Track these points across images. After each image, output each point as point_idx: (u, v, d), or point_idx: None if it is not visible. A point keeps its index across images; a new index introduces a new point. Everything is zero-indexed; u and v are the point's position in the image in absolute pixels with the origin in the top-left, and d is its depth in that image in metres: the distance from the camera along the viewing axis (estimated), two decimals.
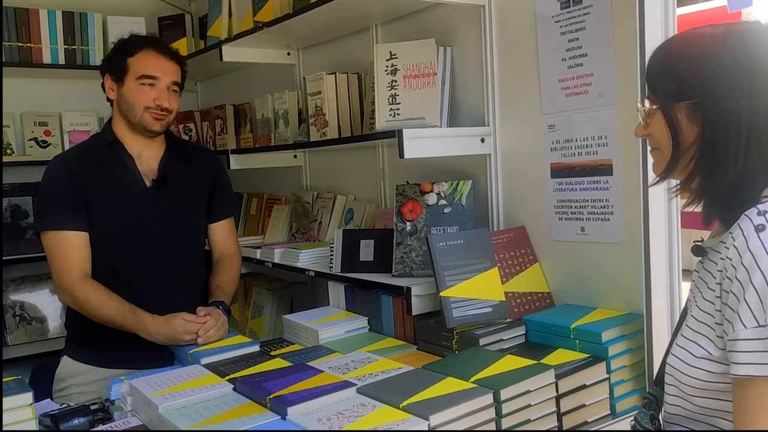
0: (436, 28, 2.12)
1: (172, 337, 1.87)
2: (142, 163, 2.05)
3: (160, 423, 1.37)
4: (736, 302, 0.97)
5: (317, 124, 2.34)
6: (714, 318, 1.04)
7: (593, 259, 1.78)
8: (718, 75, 1.02)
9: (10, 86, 3.14)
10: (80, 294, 1.92)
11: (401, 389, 1.37)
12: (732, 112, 1.01)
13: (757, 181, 1.02)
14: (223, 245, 2.23)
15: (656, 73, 1.10)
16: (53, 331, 3.24)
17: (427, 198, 2.01)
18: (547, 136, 1.86)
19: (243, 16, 2.63)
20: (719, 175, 1.03)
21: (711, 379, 1.04)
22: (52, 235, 1.95)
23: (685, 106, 1.05)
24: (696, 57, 1.05)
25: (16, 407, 1.40)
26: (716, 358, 1.03)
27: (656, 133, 1.11)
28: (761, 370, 0.94)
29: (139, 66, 1.99)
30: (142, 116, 1.99)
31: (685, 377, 1.07)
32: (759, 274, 0.95)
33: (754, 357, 0.94)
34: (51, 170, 2.02)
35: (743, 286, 0.96)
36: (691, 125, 1.06)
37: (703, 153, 1.05)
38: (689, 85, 1.04)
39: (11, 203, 3.17)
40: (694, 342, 1.07)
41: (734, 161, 1.02)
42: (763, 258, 0.95)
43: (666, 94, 1.08)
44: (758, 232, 0.96)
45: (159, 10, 3.48)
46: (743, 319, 0.96)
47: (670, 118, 1.07)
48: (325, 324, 1.97)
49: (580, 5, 1.75)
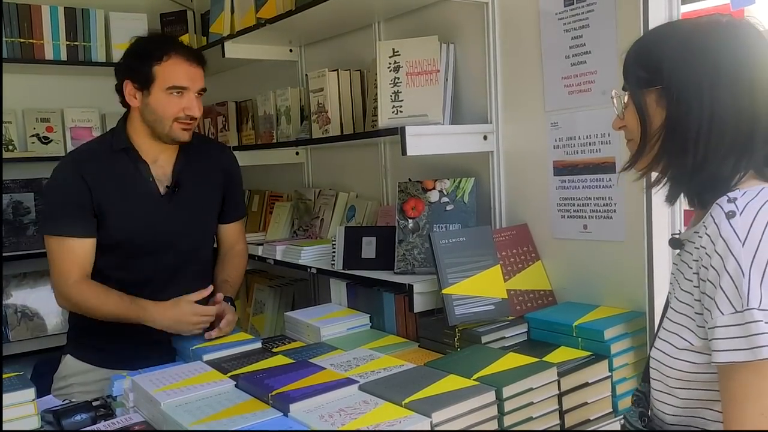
0: (439, 25, 2.12)
1: (179, 320, 1.82)
2: (157, 168, 1.98)
3: (162, 419, 1.37)
4: (713, 290, 0.98)
5: (319, 121, 2.34)
6: (693, 308, 1.04)
7: (596, 257, 1.78)
8: (685, 62, 1.05)
9: (12, 82, 3.14)
10: (77, 297, 1.88)
11: (403, 386, 1.37)
12: (694, 97, 1.04)
13: (722, 165, 1.04)
14: (232, 243, 2.21)
15: (630, 62, 1.14)
16: (54, 328, 3.25)
17: (430, 195, 2.01)
18: (550, 134, 1.85)
19: (245, 13, 2.63)
20: (681, 156, 1.06)
21: (694, 370, 1.04)
22: (55, 240, 1.89)
23: (654, 91, 1.09)
24: (666, 45, 1.08)
25: (18, 403, 1.40)
26: (698, 348, 1.03)
27: (629, 121, 1.14)
28: (741, 356, 0.94)
29: (168, 76, 1.88)
30: (171, 127, 1.91)
31: (669, 370, 1.08)
32: (732, 259, 0.95)
33: (733, 343, 0.94)
34: (60, 172, 1.94)
35: (718, 273, 0.97)
36: (659, 109, 1.09)
37: (666, 136, 1.08)
38: (659, 71, 1.08)
39: (13, 199, 3.17)
40: (675, 334, 1.07)
41: (695, 143, 1.04)
42: (735, 244, 0.96)
43: (638, 81, 1.11)
44: (729, 219, 0.98)
45: (161, 7, 3.47)
46: (720, 306, 0.96)
47: (639, 104, 1.11)
48: (327, 321, 1.97)
49: (584, 3, 1.74)
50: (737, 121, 1.03)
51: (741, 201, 0.99)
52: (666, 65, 1.07)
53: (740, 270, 0.94)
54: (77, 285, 1.88)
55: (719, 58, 1.04)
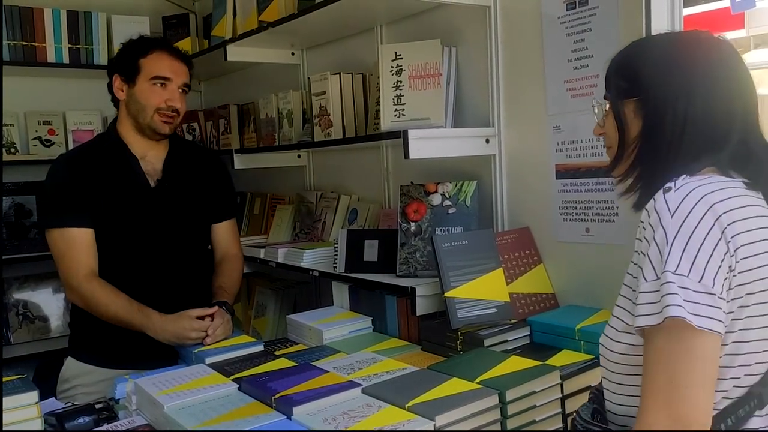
0: (441, 28, 2.12)
1: (178, 335, 1.87)
2: (146, 163, 2.06)
3: (165, 422, 1.37)
4: (642, 259, 1.00)
5: (321, 124, 2.34)
6: (631, 288, 1.06)
7: (598, 260, 1.78)
8: (662, 74, 1.09)
9: (15, 85, 3.14)
10: (88, 293, 1.92)
11: (406, 390, 1.38)
12: (669, 107, 1.07)
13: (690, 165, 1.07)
14: (225, 246, 2.23)
15: (612, 72, 1.18)
16: (56, 330, 3.24)
17: (432, 198, 2.01)
18: (552, 137, 1.86)
19: (247, 16, 2.64)
20: (653, 165, 1.10)
21: (631, 352, 1.05)
22: (56, 232, 1.95)
23: (633, 102, 1.13)
24: (645, 57, 1.13)
25: (21, 406, 1.40)
26: (635, 329, 1.02)
27: (608, 128, 1.18)
28: (653, 319, 0.95)
29: (152, 67, 2.00)
30: (152, 118, 2.00)
31: (610, 353, 1.09)
32: (660, 229, 0.98)
33: (648, 308, 0.96)
34: (55, 169, 2.02)
35: (648, 243, 0.99)
36: (636, 119, 1.13)
37: (642, 144, 1.11)
38: (638, 82, 1.12)
39: (15, 202, 3.17)
40: (616, 317, 1.09)
41: (667, 153, 1.08)
42: (665, 215, 0.98)
43: (618, 91, 1.15)
44: (665, 193, 1.01)
45: (163, 10, 3.47)
46: (645, 274, 0.98)
47: (617, 114, 1.15)
48: (329, 324, 1.97)
49: (587, 6, 1.75)
50: (711, 129, 1.07)
51: (680, 180, 1.03)
52: (644, 77, 1.11)
53: (665, 238, 0.97)
54: (88, 281, 1.93)
55: (694, 71, 1.08)
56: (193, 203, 2.12)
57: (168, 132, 2.04)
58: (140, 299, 1.93)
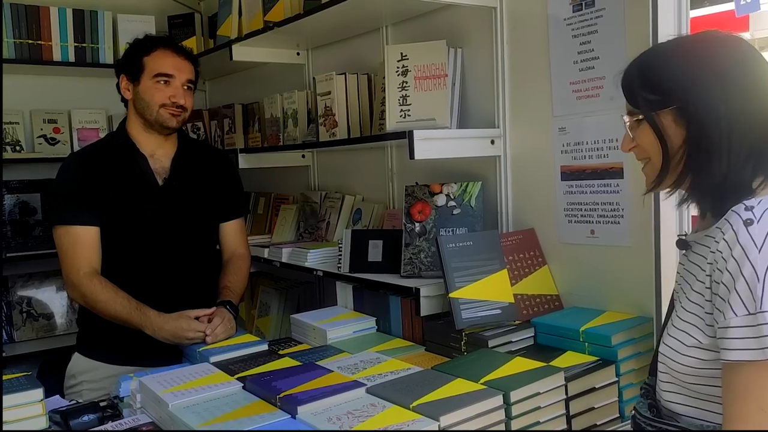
0: (446, 29, 2.12)
1: (176, 335, 1.88)
2: (155, 161, 2.07)
3: (170, 420, 1.37)
4: (727, 292, 1.03)
5: (327, 124, 2.35)
6: (704, 308, 1.09)
7: (603, 262, 1.78)
8: (695, 78, 1.09)
9: (20, 83, 3.15)
10: (87, 290, 1.94)
11: (411, 390, 1.38)
12: (712, 111, 1.07)
13: (742, 172, 1.08)
14: (233, 245, 2.23)
15: (635, 86, 1.16)
16: (60, 328, 3.25)
17: (436, 199, 2.01)
18: (557, 139, 1.86)
19: (253, 16, 2.64)
20: (707, 170, 1.09)
21: (702, 365, 1.10)
22: (62, 229, 1.97)
23: (670, 112, 1.11)
24: (673, 65, 1.12)
25: (26, 403, 1.41)
26: (706, 345, 1.08)
27: (644, 143, 1.16)
28: (750, 355, 0.99)
29: (155, 64, 2.02)
30: (158, 113, 2.01)
31: (677, 365, 1.12)
32: (748, 265, 1.00)
33: (745, 343, 1.00)
34: (64, 167, 2.05)
35: (734, 277, 1.02)
36: (678, 129, 1.11)
37: (690, 152, 1.10)
38: (671, 92, 1.11)
39: (19, 200, 3.18)
40: (684, 331, 1.12)
41: (719, 155, 1.08)
42: (752, 250, 1.01)
43: (649, 104, 1.13)
44: (747, 226, 1.02)
45: (169, 9, 3.48)
46: (734, 308, 1.01)
47: (656, 126, 1.13)
48: (333, 324, 1.97)
49: (593, 8, 1.75)
50: (752, 127, 1.08)
51: (758, 209, 1.03)
52: (678, 85, 1.10)
53: (755, 275, 0.99)
54: (89, 279, 1.94)
55: (726, 69, 1.08)
56: (200, 202, 2.12)
57: (176, 125, 2.05)
58: (147, 297, 1.94)
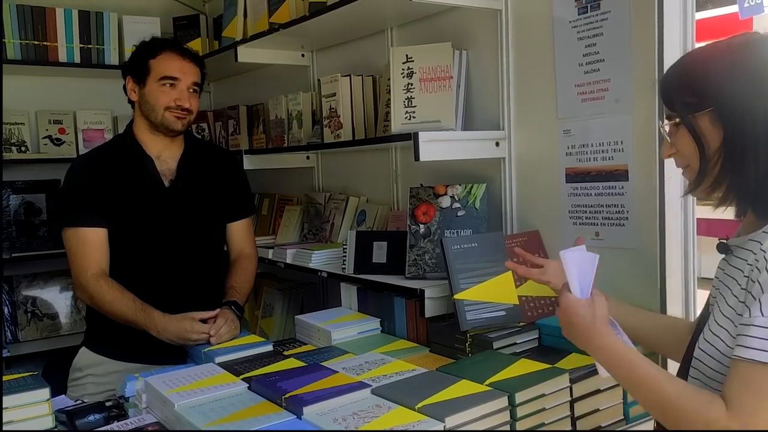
0: (452, 31, 2.13)
1: (180, 336, 1.88)
2: (161, 163, 2.07)
3: (176, 420, 1.37)
4: (760, 292, 1.02)
5: (331, 126, 2.35)
6: (740, 313, 1.08)
7: (607, 265, 1.76)
8: (732, 80, 1.09)
9: (26, 84, 3.17)
10: (94, 291, 1.95)
11: (416, 391, 1.38)
12: (748, 112, 1.08)
13: None
14: (240, 245, 2.23)
15: (673, 88, 1.17)
16: (65, 328, 3.26)
17: (441, 201, 2.02)
18: (562, 141, 1.86)
19: (258, 18, 2.64)
20: (745, 171, 1.09)
21: (725, 371, 1.08)
22: (70, 231, 1.99)
23: (707, 114, 1.11)
24: (709, 68, 1.12)
25: (32, 402, 1.41)
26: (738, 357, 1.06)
27: (683, 148, 1.16)
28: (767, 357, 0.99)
29: (161, 67, 2.02)
30: (164, 116, 2.02)
31: (710, 371, 1.11)
32: None
33: (764, 344, 0.99)
34: (72, 170, 2.07)
35: (763, 288, 1.01)
36: (715, 131, 1.11)
37: (727, 154, 1.11)
38: (707, 94, 1.11)
39: (25, 200, 3.20)
40: (718, 337, 1.11)
41: (755, 157, 1.08)
42: None
43: (686, 106, 1.14)
44: None
45: (174, 11, 3.49)
46: (763, 307, 1.00)
47: (692, 129, 1.13)
48: (338, 325, 1.97)
49: (598, 11, 1.75)
50: None
51: None
52: (714, 87, 1.11)
53: None
54: (96, 280, 1.96)
55: (762, 70, 1.09)
56: (207, 202, 2.13)
57: (181, 128, 2.06)
58: (155, 298, 1.95)
